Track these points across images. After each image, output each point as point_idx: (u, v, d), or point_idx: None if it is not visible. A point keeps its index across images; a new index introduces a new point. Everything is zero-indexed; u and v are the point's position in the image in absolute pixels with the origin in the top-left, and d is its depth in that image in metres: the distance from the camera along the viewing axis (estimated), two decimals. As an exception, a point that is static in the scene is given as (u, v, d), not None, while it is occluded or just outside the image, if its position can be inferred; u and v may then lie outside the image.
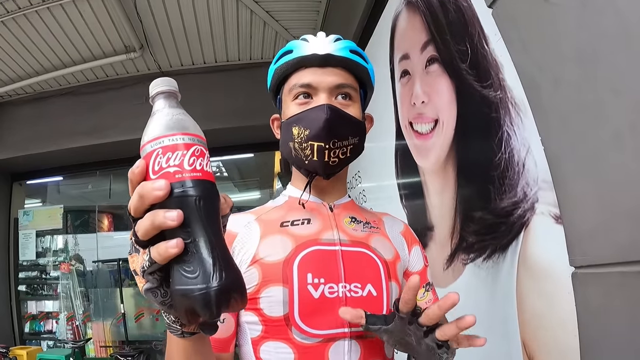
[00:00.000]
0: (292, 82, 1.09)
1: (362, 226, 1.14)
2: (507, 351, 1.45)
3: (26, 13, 3.84)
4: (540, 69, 1.15)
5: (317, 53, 1.06)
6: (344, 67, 1.09)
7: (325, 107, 1.01)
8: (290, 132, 1.06)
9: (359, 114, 1.11)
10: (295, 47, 1.10)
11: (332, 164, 1.05)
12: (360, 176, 3.29)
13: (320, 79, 1.06)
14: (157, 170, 0.57)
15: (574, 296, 1.09)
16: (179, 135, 0.59)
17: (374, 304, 1.01)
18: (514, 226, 1.37)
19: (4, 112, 5.46)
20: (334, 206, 1.15)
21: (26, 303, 5.92)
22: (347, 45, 1.10)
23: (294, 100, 1.09)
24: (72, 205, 6.22)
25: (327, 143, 1.02)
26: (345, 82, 1.08)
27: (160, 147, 0.58)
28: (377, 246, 1.10)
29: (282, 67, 1.11)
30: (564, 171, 1.11)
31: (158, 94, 0.65)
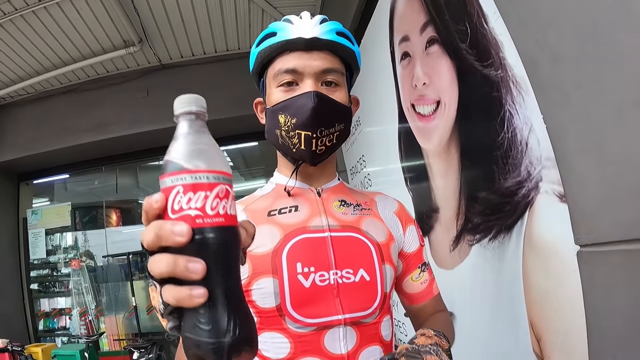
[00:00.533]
0: (277, 67, 1.05)
1: (353, 209, 1.11)
2: (515, 331, 1.46)
3: (23, 14, 3.83)
4: (540, 46, 1.14)
5: (302, 37, 1.02)
6: (330, 50, 1.05)
7: (312, 94, 0.99)
8: (276, 120, 1.04)
9: (345, 99, 1.07)
10: (279, 30, 1.05)
11: (319, 152, 1.04)
12: (364, 160, 3.28)
13: (306, 64, 1.02)
14: (177, 210, 0.52)
15: (579, 275, 1.09)
16: (202, 173, 0.53)
17: (367, 289, 1.01)
18: (518, 206, 1.36)
19: (7, 113, 5.48)
20: (322, 191, 1.13)
21: (39, 301, 5.96)
22: (334, 27, 1.06)
23: (279, 87, 1.05)
24: (79, 202, 6.24)
25: (314, 132, 1.00)
26: (331, 67, 1.04)
27: (181, 185, 0.52)
28: (368, 229, 1.08)
29: (266, 50, 1.06)
30: (566, 149, 1.10)
31: (182, 115, 0.59)
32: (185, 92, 0.61)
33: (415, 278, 1.16)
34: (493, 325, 1.63)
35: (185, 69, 5.15)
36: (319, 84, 1.03)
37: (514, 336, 1.48)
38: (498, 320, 1.59)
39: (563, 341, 1.21)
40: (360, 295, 0.99)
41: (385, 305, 1.03)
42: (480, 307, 1.71)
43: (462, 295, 1.83)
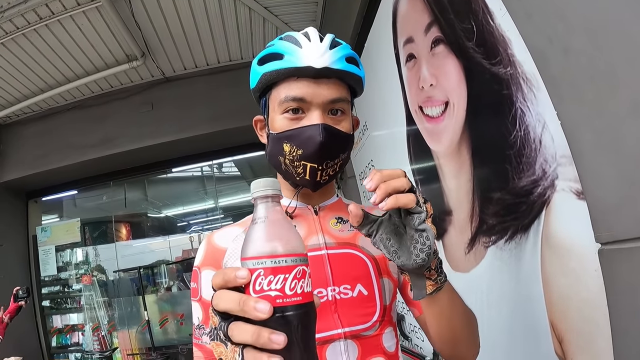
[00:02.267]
0: (283, 93, 1.01)
1: (349, 225, 1.05)
2: (535, 333, 1.43)
3: (25, 32, 3.87)
4: (550, 39, 1.11)
5: (313, 66, 0.97)
6: (339, 78, 1.02)
7: (320, 128, 0.97)
8: (280, 147, 1.03)
9: (349, 127, 1.07)
10: (286, 52, 1.01)
11: (322, 182, 1.04)
12: (373, 165, 3.26)
13: (315, 93, 0.99)
14: (258, 290, 0.58)
15: (601, 273, 1.06)
16: (281, 258, 0.58)
17: (365, 303, 1.01)
18: (534, 205, 1.33)
19: (12, 132, 5.52)
20: (319, 209, 1.13)
21: (51, 317, 5.98)
22: (344, 54, 1.02)
23: (284, 114, 1.02)
24: (88, 217, 6.27)
25: (320, 165, 1.00)
26: (339, 96, 1.02)
27: (262, 268, 0.58)
28: (364, 244, 1.08)
29: (272, 74, 1.02)
30: (582, 144, 1.07)
31: (258, 199, 0.64)
32: (190, 105, 0.62)
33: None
34: (512, 328, 1.59)
35: (189, 81, 5.17)
36: (326, 113, 1.01)
37: (535, 339, 1.45)
38: (517, 323, 1.56)
39: (587, 342, 1.18)
40: (358, 309, 1.00)
41: (386, 317, 1.04)
42: (499, 310, 1.67)
43: (479, 299, 1.79)
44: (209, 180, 6.53)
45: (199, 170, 6.50)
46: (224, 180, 6.77)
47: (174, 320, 5.57)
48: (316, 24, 4.32)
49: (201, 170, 6.49)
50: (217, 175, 6.61)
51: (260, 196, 0.63)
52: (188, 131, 5.06)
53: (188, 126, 5.06)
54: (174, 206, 7.15)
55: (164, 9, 3.92)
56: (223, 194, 6.60)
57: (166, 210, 7.04)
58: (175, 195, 6.82)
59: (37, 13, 3.71)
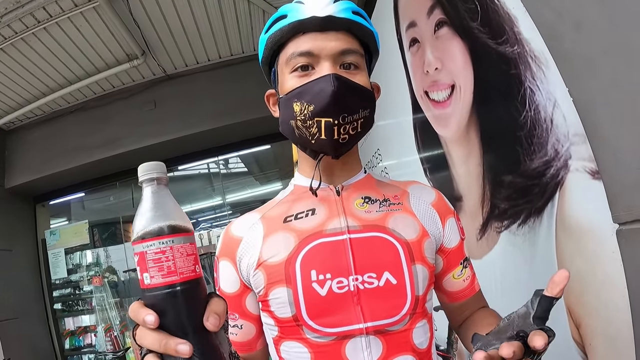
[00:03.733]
0: (289, 51, 0.97)
1: (379, 205, 1.02)
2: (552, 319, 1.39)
3: (24, 37, 3.85)
4: (559, 14, 1.07)
5: (316, 15, 0.93)
6: (347, 30, 0.96)
7: (331, 77, 0.90)
8: (290, 109, 0.96)
9: (367, 83, 0.99)
10: (289, 11, 0.96)
11: (342, 142, 0.94)
12: (380, 154, 3.23)
13: (322, 45, 0.93)
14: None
15: (620, 255, 1.02)
16: (135, 245, 0.61)
17: (394, 294, 0.92)
18: (547, 187, 1.30)
19: (17, 137, 5.54)
20: (342, 188, 1.04)
21: (63, 320, 6.02)
22: (349, 6, 0.97)
23: (293, 72, 0.97)
24: (97, 219, 6.29)
25: (336, 118, 0.91)
26: (350, 47, 0.96)
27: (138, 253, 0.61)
28: (396, 226, 0.98)
29: (277, 34, 0.98)
30: (597, 121, 1.03)
31: (143, 182, 0.66)
32: (193, 101, 0.61)
33: (457, 275, 1.08)
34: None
35: (191, 78, 5.15)
36: (337, 67, 0.95)
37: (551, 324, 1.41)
38: (533, 309, 1.53)
39: (605, 326, 1.15)
40: (385, 301, 0.91)
41: (418, 309, 0.94)
42: (513, 296, 1.65)
43: (493, 285, 1.77)
44: (216, 177, 6.52)
45: (206, 168, 6.49)
46: (231, 176, 6.76)
47: (184, 318, 5.58)
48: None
49: (207, 167, 6.48)
50: (224, 172, 6.60)
51: (145, 179, 0.65)
52: (192, 128, 5.05)
53: (192, 123, 5.04)
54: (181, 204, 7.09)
55: (162, 5, 3.89)
56: (230, 190, 6.60)
57: (174, 209, 7.07)
58: (182, 193, 6.82)
59: (35, 17, 3.68)
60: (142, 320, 0.58)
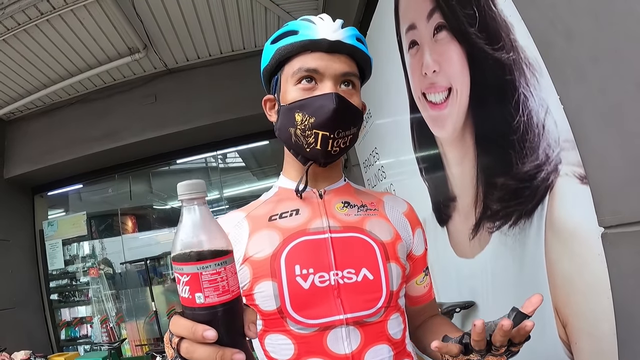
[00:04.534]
0: (296, 65, 1.04)
1: (357, 210, 1.11)
2: (540, 318, 1.42)
3: (26, 28, 3.87)
4: (552, 23, 1.11)
5: (327, 38, 1.02)
6: (350, 55, 1.06)
7: (334, 95, 0.99)
8: (292, 118, 1.04)
9: (360, 104, 1.08)
10: (301, 28, 1.05)
11: (333, 153, 1.04)
12: (377, 153, 3.26)
13: (328, 65, 1.02)
14: (184, 294, 0.64)
15: (604, 257, 1.06)
16: (204, 264, 0.62)
17: (370, 288, 1.00)
18: (538, 190, 1.34)
19: (17, 127, 5.55)
20: (324, 192, 1.13)
21: (59, 311, 6.04)
22: (354, 33, 1.06)
23: (297, 85, 1.04)
24: (94, 211, 6.30)
25: (332, 133, 1.00)
26: (350, 71, 1.05)
27: (186, 274, 0.62)
28: (372, 229, 1.07)
29: (287, 47, 1.05)
30: (585, 128, 1.07)
31: (184, 202, 0.66)
32: (193, 96, 0.63)
33: (419, 282, 1.18)
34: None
35: (192, 72, 5.17)
36: (338, 86, 1.04)
37: (539, 323, 1.44)
38: (522, 308, 1.56)
39: (590, 326, 1.19)
40: (362, 294, 0.98)
41: (392, 303, 1.02)
42: (503, 295, 1.68)
43: (484, 284, 1.80)
44: (214, 171, 6.52)
45: (203, 162, 6.50)
46: (229, 170, 6.77)
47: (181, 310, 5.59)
48: (318, 12, 4.30)
49: (205, 162, 6.49)
50: (222, 166, 6.61)
51: (186, 199, 0.65)
52: (192, 122, 5.07)
53: (191, 117, 5.06)
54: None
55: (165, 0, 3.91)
56: (228, 185, 6.60)
57: (171, 202, 7.05)
58: (179, 186, 6.83)
59: (38, 8, 3.70)
60: (201, 336, 0.59)
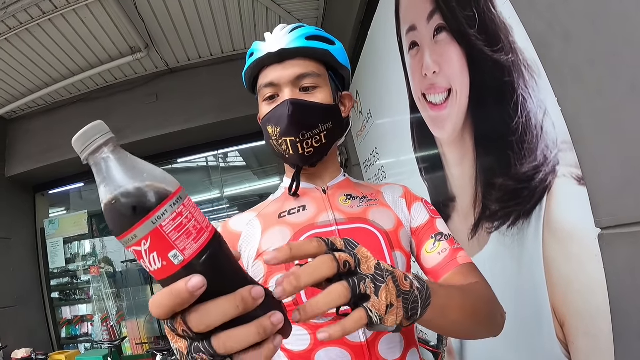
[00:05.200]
0: (260, 83, 1.12)
1: (359, 201, 1.14)
2: (538, 317, 1.44)
3: (28, 27, 3.88)
4: (550, 25, 1.12)
5: (270, 51, 1.08)
6: (302, 56, 1.10)
7: (287, 103, 1.04)
8: (267, 132, 1.11)
9: (327, 99, 1.10)
10: (255, 50, 1.13)
11: (307, 154, 1.07)
12: (378, 153, 3.27)
13: (280, 75, 1.08)
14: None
15: (601, 258, 1.07)
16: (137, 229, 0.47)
17: None
18: (536, 191, 1.35)
19: (18, 126, 5.57)
20: (327, 188, 1.17)
21: (60, 309, 6.04)
22: (304, 33, 1.10)
23: (264, 101, 1.12)
24: (95, 209, 6.27)
25: (296, 136, 1.04)
26: (305, 72, 1.08)
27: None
28: (375, 218, 1.09)
29: (248, 71, 1.15)
30: (582, 129, 1.08)
31: (88, 159, 0.52)
32: (194, 95, 0.59)
33: (430, 249, 1.09)
34: (515, 312, 1.61)
35: (193, 72, 5.18)
36: (297, 90, 1.09)
37: (537, 323, 1.46)
38: (520, 308, 1.57)
39: (587, 325, 1.20)
40: None
41: None
42: (502, 294, 1.67)
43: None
44: (215, 171, 6.53)
45: (204, 161, 6.51)
46: (230, 170, 6.77)
47: (181, 309, 5.61)
48: (319, 12, 4.31)
49: (206, 161, 6.50)
50: (223, 165, 6.62)
51: (91, 151, 0.52)
52: (193, 121, 5.08)
53: (193, 117, 5.07)
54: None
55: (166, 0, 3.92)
56: (229, 184, 6.61)
57: (172, 202, 7.07)
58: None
59: (40, 8, 3.71)
60: (188, 291, 0.46)
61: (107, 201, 0.48)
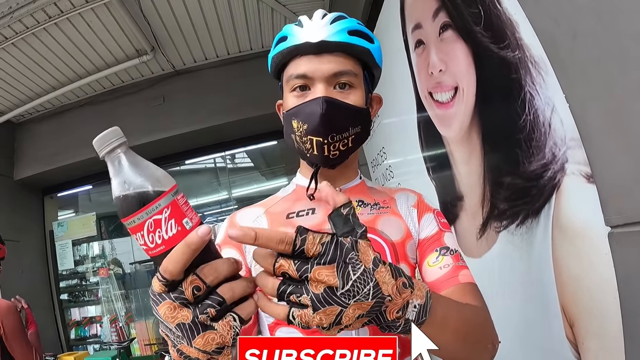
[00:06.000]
0: (289, 72, 1.05)
1: (370, 208, 1.10)
2: (547, 317, 1.42)
3: (34, 31, 3.90)
4: (556, 22, 1.10)
5: (309, 41, 1.00)
6: (342, 51, 1.02)
7: (321, 100, 0.97)
8: (290, 125, 1.04)
9: (360, 101, 1.04)
10: (289, 34, 1.04)
11: (332, 157, 1.02)
12: (385, 152, 3.26)
13: (316, 68, 1.00)
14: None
15: (611, 256, 1.05)
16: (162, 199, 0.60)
17: None
18: (545, 189, 1.33)
19: (26, 130, 5.61)
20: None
21: (69, 310, 6.10)
22: (346, 27, 1.02)
23: (292, 92, 1.05)
24: (104, 211, 6.33)
25: (325, 138, 0.98)
26: (343, 69, 1.01)
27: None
28: (384, 228, 1.06)
29: (277, 56, 1.06)
30: (591, 127, 1.06)
31: (106, 158, 0.64)
32: (201, 97, 0.63)
33: (432, 263, 1.05)
34: (524, 313, 1.59)
35: (199, 74, 5.19)
36: (332, 88, 1.01)
37: (546, 323, 1.44)
38: (529, 308, 1.56)
39: (597, 326, 1.18)
40: None
41: None
42: (510, 294, 1.67)
43: (491, 284, 1.79)
44: (222, 172, 6.54)
45: (212, 162, 6.52)
46: (237, 171, 6.78)
47: (189, 310, 5.63)
48: (324, 12, 4.29)
49: (214, 162, 6.51)
50: (230, 167, 6.63)
51: (109, 150, 0.63)
52: (200, 123, 5.09)
53: (200, 118, 5.08)
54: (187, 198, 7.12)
55: (171, 2, 3.92)
56: (236, 185, 6.62)
57: (180, 203, 7.08)
58: (188, 187, 6.84)
59: (46, 12, 3.73)
60: (199, 237, 0.57)
61: (138, 185, 0.61)
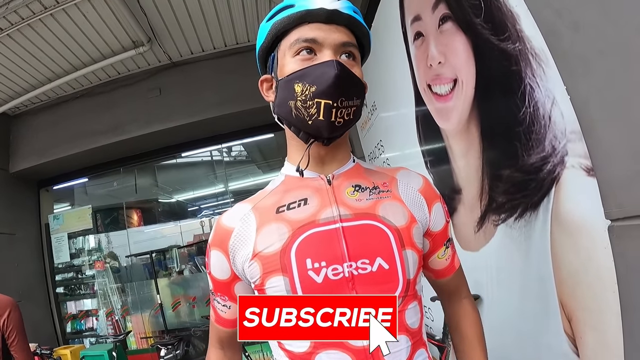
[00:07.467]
0: (294, 37, 1.00)
1: (369, 193, 1.04)
2: (545, 311, 1.42)
3: (30, 22, 3.86)
4: (558, 13, 1.09)
5: (324, 7, 0.97)
6: (348, 26, 1.01)
7: (335, 62, 0.93)
8: (291, 90, 0.97)
9: (361, 76, 1.02)
10: (296, 1, 1.00)
11: (337, 125, 0.96)
12: (382, 145, 3.25)
13: (326, 35, 0.98)
14: None
15: (611, 250, 1.05)
16: None
17: (386, 278, 0.94)
18: (544, 182, 1.32)
19: (22, 122, 5.58)
20: (333, 177, 1.06)
21: (65, 304, 6.08)
22: (350, 5, 1.02)
23: (296, 56, 0.99)
24: (100, 204, 6.34)
25: (335, 101, 0.93)
26: (350, 41, 1.00)
27: None
28: (386, 214, 1.00)
29: (283, 20, 1.01)
30: (592, 119, 1.06)
31: None
32: (198, 89, 0.59)
33: (441, 256, 1.12)
34: (522, 307, 1.59)
35: (196, 65, 5.16)
36: (338, 56, 0.99)
37: (544, 317, 1.44)
38: (527, 302, 1.56)
39: (596, 319, 1.18)
40: (378, 285, 0.94)
41: (409, 292, 0.96)
42: (508, 288, 1.67)
43: (489, 277, 1.79)
44: (219, 164, 6.53)
45: (209, 155, 6.50)
46: (234, 164, 6.78)
47: (186, 303, 5.65)
48: (322, 4, 4.28)
49: (210, 155, 6.50)
50: (227, 159, 6.62)
51: None
52: (197, 115, 5.07)
53: (196, 110, 5.06)
54: (184, 191, 7.18)
55: (168, -7, 3.90)
56: (233, 178, 6.61)
57: (177, 196, 7.07)
58: (185, 180, 6.84)
59: (42, 3, 3.69)
60: None
61: None
